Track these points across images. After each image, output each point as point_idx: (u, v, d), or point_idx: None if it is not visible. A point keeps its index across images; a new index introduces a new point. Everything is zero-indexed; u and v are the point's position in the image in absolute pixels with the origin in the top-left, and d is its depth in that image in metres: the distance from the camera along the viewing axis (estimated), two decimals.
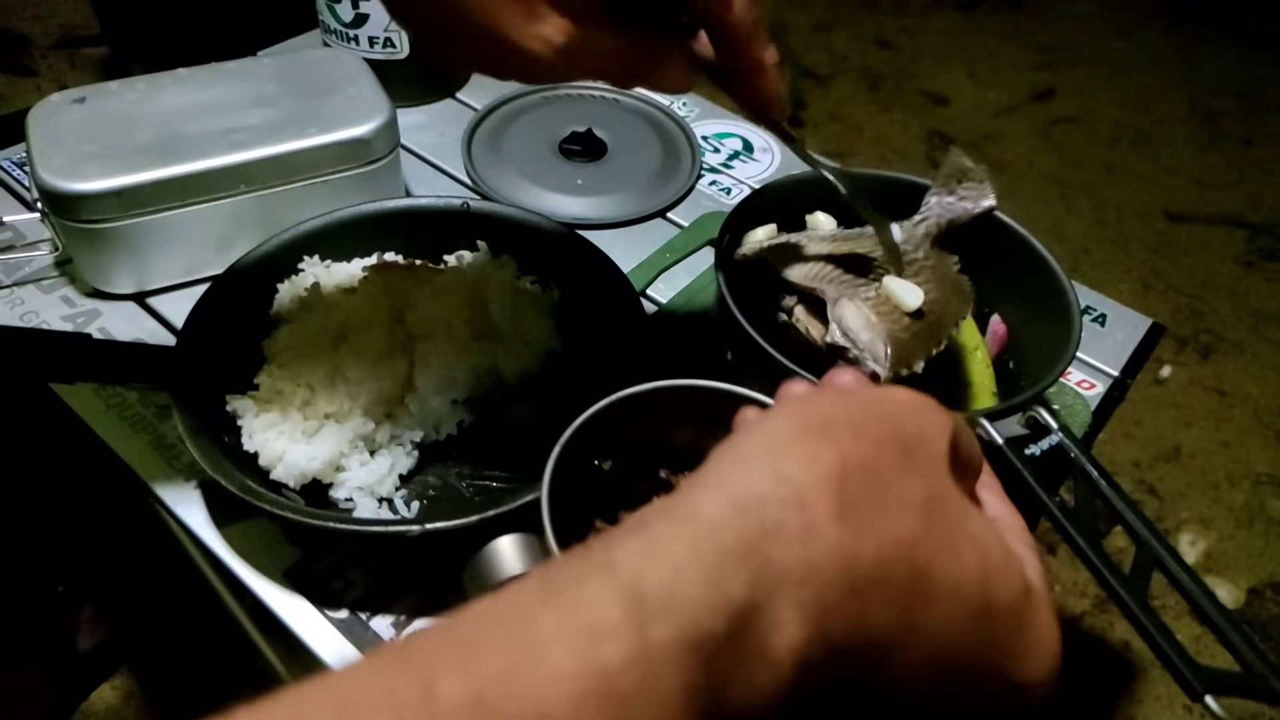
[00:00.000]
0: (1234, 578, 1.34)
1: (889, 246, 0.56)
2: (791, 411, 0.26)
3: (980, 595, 0.25)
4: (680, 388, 0.50)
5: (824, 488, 0.24)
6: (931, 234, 0.58)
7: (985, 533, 0.26)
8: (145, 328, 0.66)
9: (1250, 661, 0.39)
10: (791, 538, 0.23)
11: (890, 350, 0.50)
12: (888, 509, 0.24)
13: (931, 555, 0.24)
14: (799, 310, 0.56)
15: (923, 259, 0.57)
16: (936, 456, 0.27)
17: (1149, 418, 1.54)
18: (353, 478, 0.54)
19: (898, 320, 0.52)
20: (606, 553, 0.23)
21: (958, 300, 0.56)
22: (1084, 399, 0.66)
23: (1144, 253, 1.84)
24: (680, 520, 0.23)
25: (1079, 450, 0.48)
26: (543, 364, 0.62)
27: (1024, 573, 0.27)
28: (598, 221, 0.78)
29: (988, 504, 0.32)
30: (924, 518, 0.25)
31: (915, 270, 0.55)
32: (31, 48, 1.98)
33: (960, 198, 0.59)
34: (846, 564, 0.23)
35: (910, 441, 0.26)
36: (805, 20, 2.41)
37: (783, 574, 0.23)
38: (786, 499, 0.23)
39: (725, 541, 0.23)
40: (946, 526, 0.25)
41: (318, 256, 0.64)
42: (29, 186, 0.71)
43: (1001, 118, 2.15)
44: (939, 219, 0.59)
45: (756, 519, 0.23)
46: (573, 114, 0.88)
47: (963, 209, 0.59)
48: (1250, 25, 2.46)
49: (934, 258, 0.57)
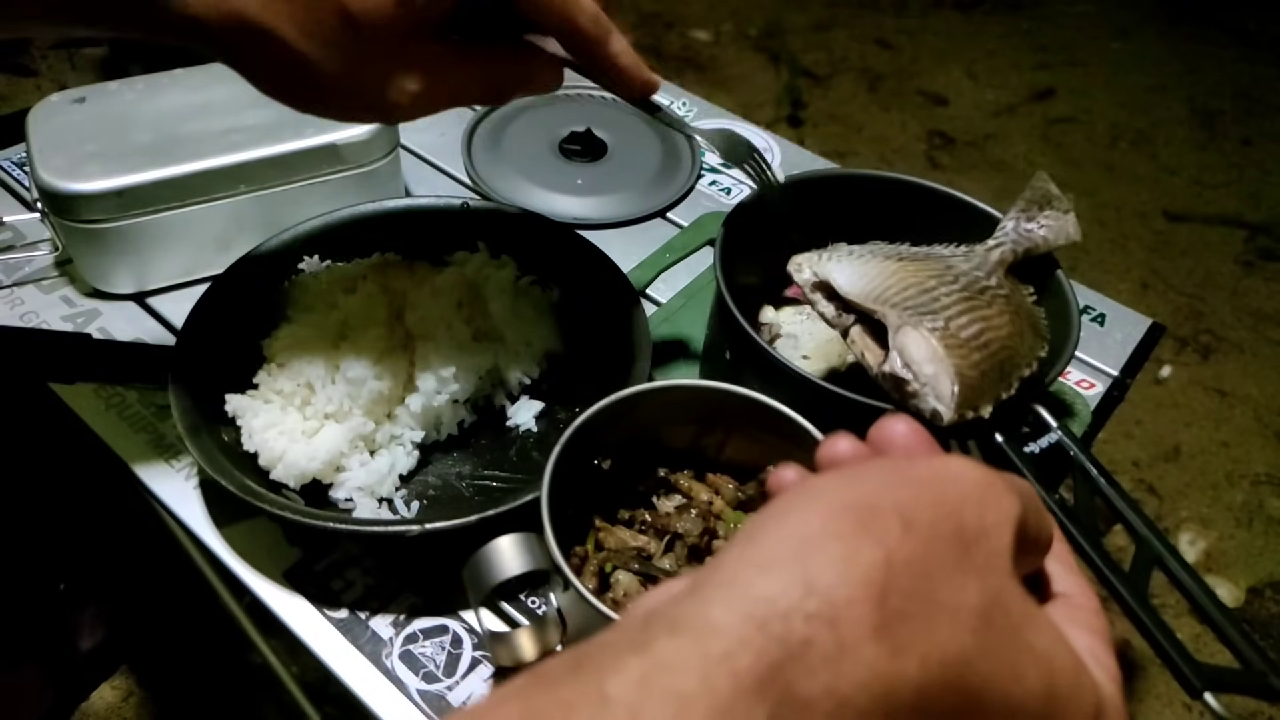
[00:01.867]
0: (1234, 577, 1.34)
1: (960, 271, 0.51)
2: (829, 495, 0.22)
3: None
4: (680, 388, 0.50)
5: (862, 597, 0.20)
6: (1006, 261, 0.54)
7: (1053, 646, 0.23)
8: (145, 328, 0.66)
9: (1250, 659, 0.40)
10: (819, 660, 0.19)
11: (958, 388, 0.45)
12: (936, 621, 0.21)
13: (987, 677, 0.21)
14: (855, 331, 0.51)
15: (996, 287, 0.52)
16: (999, 552, 0.23)
17: (1149, 417, 1.54)
18: (353, 478, 0.54)
19: (966, 356, 0.46)
20: (600, 681, 0.19)
21: (1032, 337, 0.50)
22: (1084, 398, 0.66)
23: (1143, 252, 1.84)
24: (689, 636, 0.20)
25: (1079, 449, 0.48)
26: (543, 364, 0.62)
27: (1097, 692, 0.24)
28: (598, 221, 0.78)
29: (1056, 579, 0.28)
30: (980, 630, 0.21)
31: (988, 300, 0.50)
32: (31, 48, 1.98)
33: (1040, 225, 0.55)
34: (885, 690, 0.20)
35: (970, 534, 0.22)
36: (805, 20, 2.41)
37: (806, 706, 0.19)
38: (815, 613, 0.20)
39: (739, 668, 0.19)
40: (1007, 640, 0.22)
41: (318, 256, 0.64)
42: (29, 186, 0.71)
43: (1001, 118, 2.15)
44: (1015, 246, 0.54)
45: (778, 638, 0.19)
46: (573, 114, 0.88)
47: (1041, 238, 0.55)
48: (1249, 26, 2.46)
49: (1008, 287, 0.53)
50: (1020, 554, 0.24)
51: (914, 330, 0.47)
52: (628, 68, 0.48)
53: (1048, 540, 0.27)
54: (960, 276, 0.51)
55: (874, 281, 0.50)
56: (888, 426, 0.28)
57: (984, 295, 0.50)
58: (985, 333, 0.48)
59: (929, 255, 0.53)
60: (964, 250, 0.55)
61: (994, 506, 0.23)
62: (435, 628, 0.52)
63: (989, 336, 0.48)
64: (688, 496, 0.51)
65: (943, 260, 0.52)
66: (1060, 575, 0.28)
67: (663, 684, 0.19)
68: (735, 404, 0.49)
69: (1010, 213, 0.56)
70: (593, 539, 0.49)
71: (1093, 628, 0.27)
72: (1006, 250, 0.54)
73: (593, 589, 0.45)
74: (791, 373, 0.49)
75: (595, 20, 0.45)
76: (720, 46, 2.32)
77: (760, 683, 0.19)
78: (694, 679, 0.19)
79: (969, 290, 0.50)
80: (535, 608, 0.53)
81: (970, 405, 0.45)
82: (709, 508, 0.50)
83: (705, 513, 0.50)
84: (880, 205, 0.61)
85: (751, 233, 0.58)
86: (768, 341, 0.55)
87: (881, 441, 0.28)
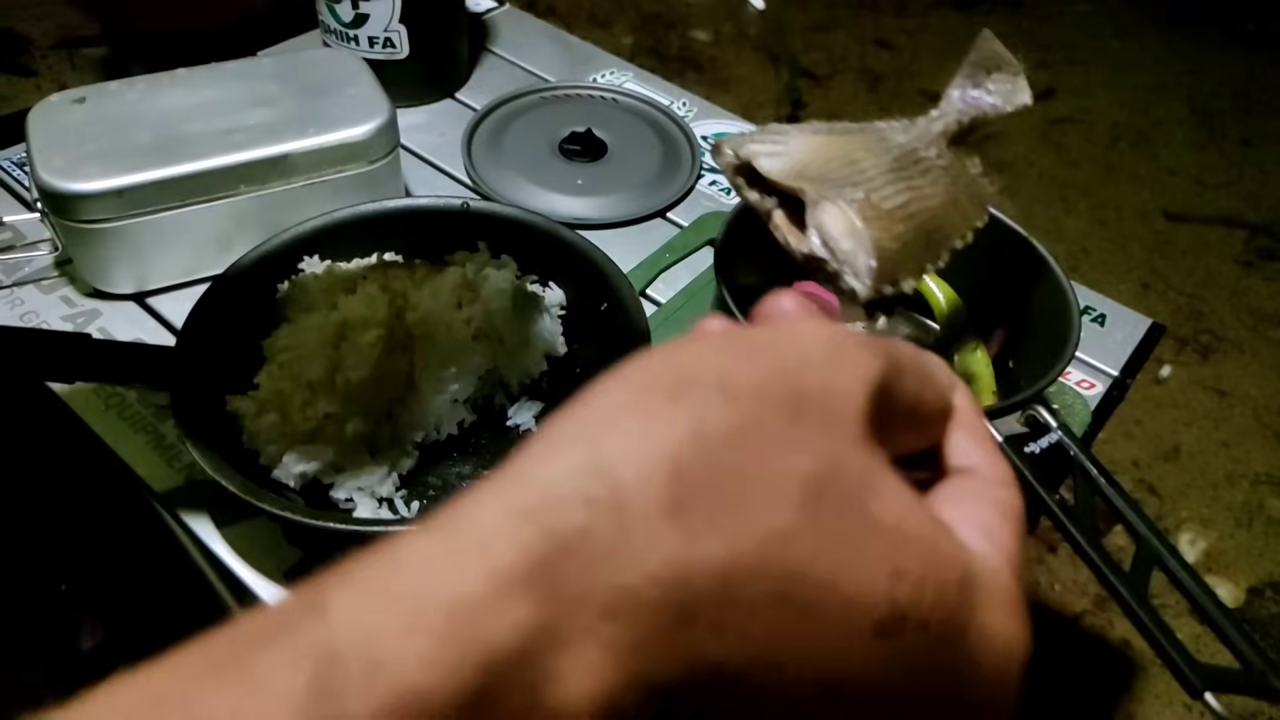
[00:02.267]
0: (1234, 577, 1.34)
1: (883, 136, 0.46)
2: (645, 369, 0.19)
3: (892, 608, 0.18)
4: None
5: (656, 474, 0.17)
6: (950, 131, 0.49)
7: (904, 514, 0.19)
8: (145, 328, 0.66)
9: (1250, 659, 0.39)
10: (597, 551, 0.17)
11: (875, 262, 0.40)
12: (751, 495, 0.17)
13: (813, 553, 0.18)
14: (777, 215, 0.45)
15: (935, 158, 0.47)
16: (844, 417, 0.19)
17: (1149, 417, 1.54)
18: (353, 478, 0.54)
19: (889, 228, 0.42)
20: (318, 592, 0.16)
21: (972, 206, 0.46)
22: (1084, 398, 0.66)
23: (1143, 253, 1.84)
24: (438, 536, 0.17)
25: (1079, 449, 0.48)
26: (543, 364, 0.62)
27: (965, 564, 0.20)
28: (598, 221, 0.78)
29: (959, 452, 0.25)
30: (807, 502, 0.18)
31: (922, 169, 0.46)
32: (31, 48, 1.98)
33: (989, 91, 0.51)
34: (678, 579, 0.17)
35: (806, 398, 0.19)
36: (805, 20, 2.41)
37: (579, 604, 0.16)
38: (596, 498, 0.17)
39: (497, 565, 0.16)
40: (840, 511, 0.18)
41: (318, 256, 0.64)
42: (29, 186, 0.71)
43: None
44: (960, 115, 0.50)
45: (548, 530, 0.16)
46: (573, 114, 0.88)
47: (990, 104, 0.50)
48: (1250, 26, 2.46)
49: (948, 158, 0.48)
50: (886, 422, 0.21)
51: (831, 204, 0.42)
52: None
53: (936, 409, 0.24)
54: (895, 148, 0.47)
55: (795, 158, 0.45)
56: (771, 301, 0.24)
57: (918, 165, 0.46)
58: (913, 203, 0.44)
59: (863, 129, 0.48)
60: (904, 123, 0.50)
61: (845, 369, 0.20)
62: None
63: (917, 207, 0.44)
64: None
65: (876, 133, 0.47)
66: (966, 448, 0.25)
67: (395, 588, 0.16)
68: None
69: (955, 79, 0.51)
70: None
71: (994, 499, 0.23)
72: (951, 120, 0.49)
73: None
74: None
75: None
76: (720, 46, 2.32)
77: (524, 581, 0.16)
78: (435, 580, 0.16)
79: (901, 161, 0.45)
80: None
81: (889, 279, 0.41)
82: None
83: None
84: None
85: (751, 233, 0.58)
86: None
87: (763, 318, 0.24)
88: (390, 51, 0.85)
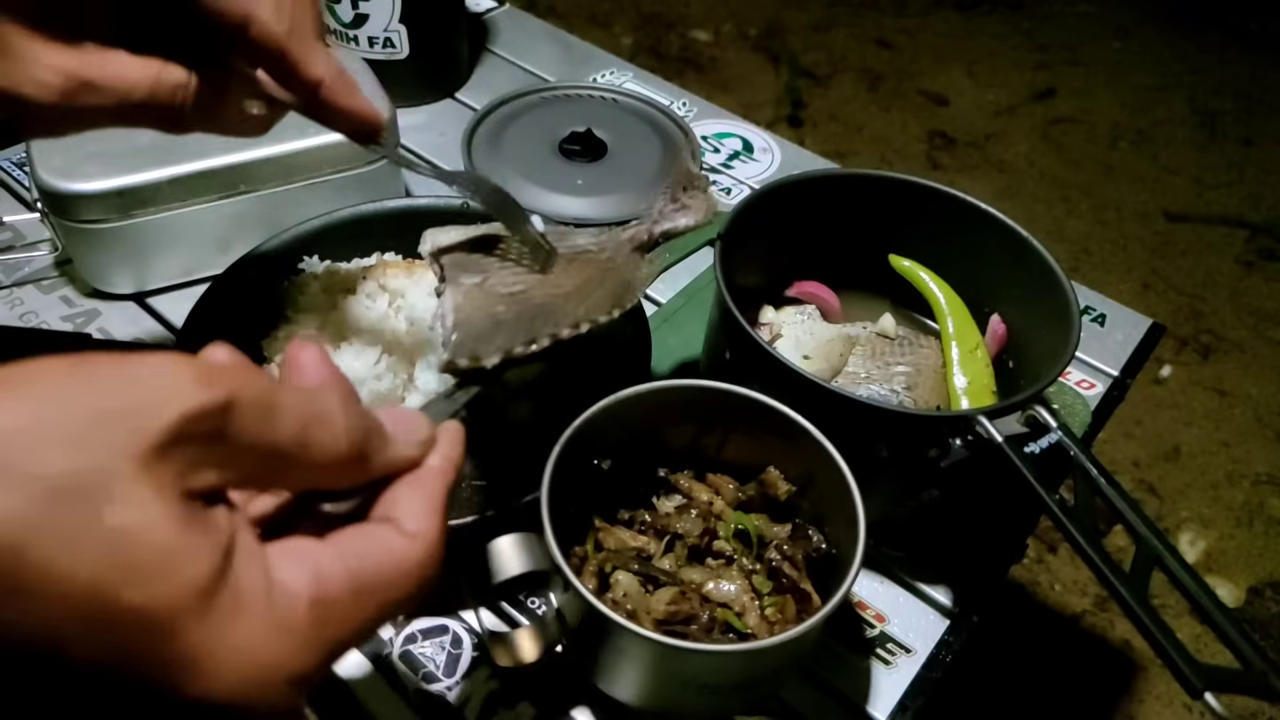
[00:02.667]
0: (1234, 577, 1.34)
1: (529, 242, 0.48)
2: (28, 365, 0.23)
3: (96, 595, 0.21)
4: (680, 388, 0.50)
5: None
6: (640, 240, 0.51)
7: (142, 524, 0.22)
8: (145, 328, 0.66)
9: (1250, 659, 0.39)
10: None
11: (457, 335, 0.42)
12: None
13: (34, 542, 0.21)
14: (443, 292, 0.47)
15: (599, 255, 0.50)
16: (123, 437, 0.22)
17: (1149, 417, 1.54)
18: None
19: (488, 305, 0.44)
20: None
21: (603, 299, 0.47)
22: (1084, 398, 0.66)
23: (1144, 253, 1.85)
24: None
25: (1079, 449, 0.48)
26: (541, 363, 0.62)
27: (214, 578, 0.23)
28: (598, 221, 0.78)
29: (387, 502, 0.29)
30: (43, 500, 0.21)
31: (567, 260, 0.48)
32: None
33: (683, 207, 0.53)
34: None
35: (107, 413, 0.22)
36: (805, 20, 2.41)
37: None
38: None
39: None
40: (76, 514, 0.21)
41: (317, 256, 0.64)
42: (29, 186, 0.71)
43: (1001, 118, 2.15)
44: (651, 227, 0.52)
45: None
46: (573, 114, 0.88)
47: (683, 222, 0.52)
48: (1251, 26, 2.46)
49: (620, 258, 0.50)
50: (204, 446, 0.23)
51: (453, 284, 0.45)
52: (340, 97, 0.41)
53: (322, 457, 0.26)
54: (563, 247, 0.49)
55: (459, 255, 0.48)
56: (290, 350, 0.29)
57: (574, 261, 0.48)
58: (532, 289, 0.46)
59: (561, 234, 0.51)
60: (607, 234, 0.52)
61: (150, 391, 0.23)
62: (435, 628, 0.52)
63: (534, 292, 0.46)
64: (688, 496, 0.51)
65: (559, 234, 0.51)
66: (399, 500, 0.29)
67: None
68: (735, 404, 0.49)
69: (658, 196, 0.54)
70: (592, 539, 0.49)
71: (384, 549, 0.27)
72: (641, 230, 0.52)
73: (592, 589, 0.45)
74: (791, 373, 0.49)
75: (280, 10, 0.37)
76: (720, 47, 2.32)
77: None
78: None
79: (544, 264, 0.48)
80: (535, 608, 0.53)
81: (468, 352, 0.42)
82: (709, 508, 0.50)
83: (705, 513, 0.50)
84: (880, 205, 0.62)
85: (751, 233, 0.58)
86: (768, 341, 0.55)
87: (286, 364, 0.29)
88: (390, 51, 0.85)
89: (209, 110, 0.40)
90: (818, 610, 0.41)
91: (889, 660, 0.52)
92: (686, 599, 0.46)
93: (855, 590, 0.54)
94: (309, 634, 0.25)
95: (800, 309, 0.63)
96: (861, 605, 0.55)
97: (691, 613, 0.46)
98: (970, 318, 0.61)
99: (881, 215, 0.62)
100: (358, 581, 0.26)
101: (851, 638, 0.53)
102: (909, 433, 0.49)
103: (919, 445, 0.49)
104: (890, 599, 0.55)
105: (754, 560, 0.49)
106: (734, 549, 0.49)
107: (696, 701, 0.44)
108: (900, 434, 0.49)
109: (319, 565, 0.26)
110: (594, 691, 0.47)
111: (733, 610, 0.46)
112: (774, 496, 0.49)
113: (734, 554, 0.49)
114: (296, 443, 0.25)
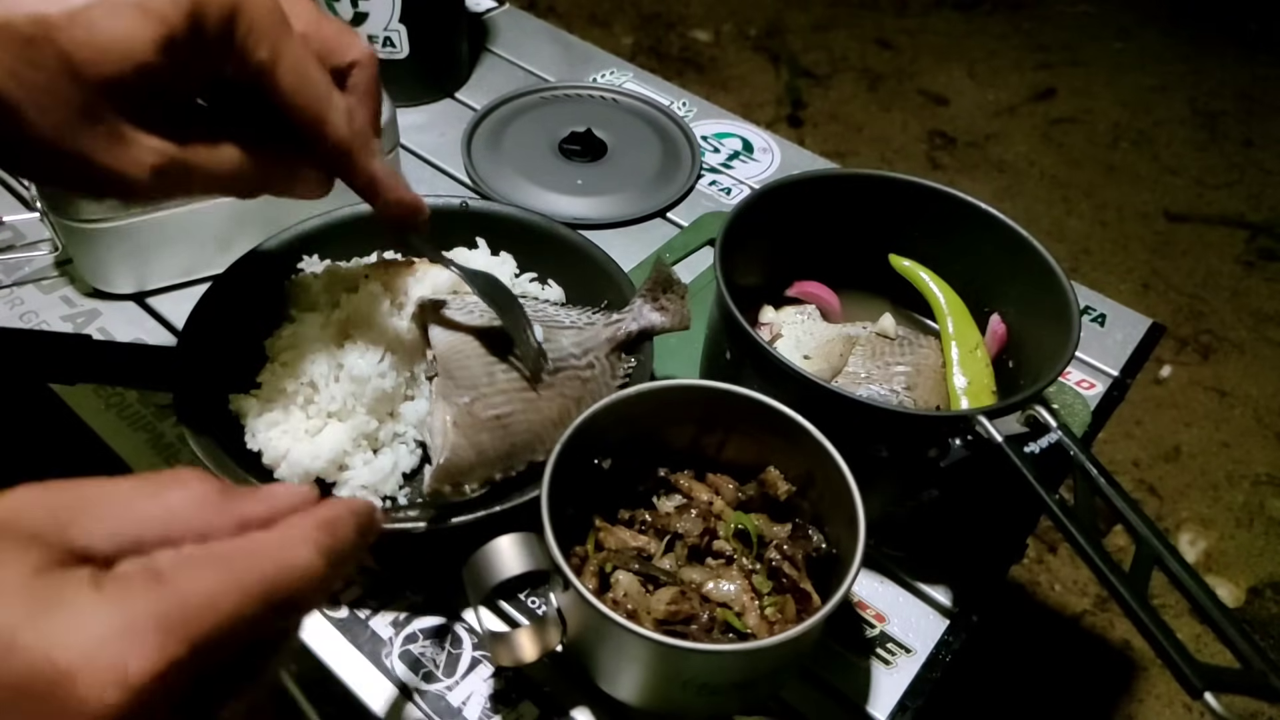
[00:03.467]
0: (1234, 577, 1.34)
1: (526, 354, 0.52)
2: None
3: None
4: (680, 388, 0.50)
5: None
6: (617, 340, 0.56)
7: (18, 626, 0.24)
8: (145, 328, 0.66)
9: (1250, 659, 0.39)
10: None
11: (443, 462, 0.48)
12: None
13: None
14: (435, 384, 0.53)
15: (580, 365, 0.54)
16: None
17: (1149, 417, 1.54)
18: (356, 476, 0.54)
19: (474, 435, 0.49)
20: None
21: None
22: (1083, 398, 0.66)
23: (1144, 253, 1.85)
24: None
25: (1079, 449, 0.48)
26: None
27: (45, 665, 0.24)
28: (598, 221, 0.78)
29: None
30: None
31: (549, 384, 0.52)
32: None
33: (662, 309, 0.57)
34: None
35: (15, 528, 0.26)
36: (805, 20, 2.41)
37: None
38: None
39: None
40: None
41: (317, 256, 0.64)
42: (29, 186, 0.71)
43: (1001, 118, 2.15)
44: (630, 327, 0.56)
45: None
46: (573, 114, 0.88)
47: (660, 322, 0.57)
48: (1251, 26, 2.46)
49: (599, 365, 0.55)
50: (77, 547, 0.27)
51: (443, 401, 0.50)
52: (387, 186, 0.45)
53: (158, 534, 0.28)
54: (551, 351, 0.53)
55: (460, 337, 0.53)
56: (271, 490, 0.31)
57: (557, 374, 0.53)
58: (514, 415, 0.50)
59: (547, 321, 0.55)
60: (589, 321, 0.57)
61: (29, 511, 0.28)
62: (435, 627, 0.52)
63: (517, 420, 0.51)
64: (688, 496, 0.52)
65: (548, 321, 0.55)
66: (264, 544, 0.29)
67: None
68: (735, 404, 0.49)
69: (637, 296, 0.58)
70: (593, 539, 0.49)
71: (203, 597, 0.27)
72: (620, 330, 0.56)
73: (593, 589, 0.45)
74: (791, 373, 0.49)
75: (350, 121, 0.42)
76: (720, 47, 2.32)
77: None
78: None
79: (535, 373, 0.52)
80: (535, 608, 0.53)
81: (452, 480, 0.48)
82: (709, 508, 0.50)
83: (705, 513, 0.50)
84: (880, 205, 0.62)
85: (751, 233, 0.58)
86: (768, 341, 0.55)
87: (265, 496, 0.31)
88: (390, 51, 0.85)
89: (279, 184, 0.44)
90: (818, 610, 0.41)
91: (889, 660, 0.52)
92: (686, 599, 0.46)
93: (855, 590, 0.54)
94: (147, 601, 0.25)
95: (800, 309, 0.63)
96: (861, 605, 0.55)
97: (691, 612, 0.46)
98: (970, 318, 0.61)
99: (881, 215, 0.62)
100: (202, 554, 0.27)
101: (851, 638, 0.53)
102: (909, 433, 0.49)
103: (919, 445, 0.49)
104: (890, 599, 0.55)
105: (754, 560, 0.49)
106: (734, 549, 0.49)
107: (696, 701, 0.44)
108: (900, 434, 0.49)
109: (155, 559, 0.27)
110: (594, 691, 0.48)
111: (733, 610, 0.46)
112: (774, 496, 0.49)
113: (734, 554, 0.49)
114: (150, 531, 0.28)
